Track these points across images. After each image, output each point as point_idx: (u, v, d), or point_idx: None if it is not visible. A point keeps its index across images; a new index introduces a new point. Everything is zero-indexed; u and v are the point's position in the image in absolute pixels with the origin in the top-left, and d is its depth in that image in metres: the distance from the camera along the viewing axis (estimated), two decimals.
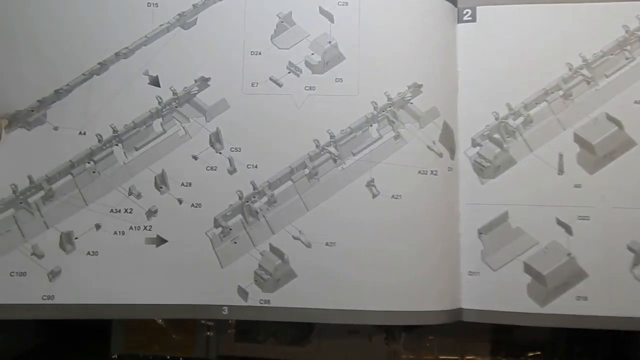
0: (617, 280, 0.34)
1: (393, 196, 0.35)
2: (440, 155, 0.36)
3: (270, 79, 0.36)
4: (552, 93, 0.36)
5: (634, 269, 0.34)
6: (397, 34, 0.36)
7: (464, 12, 0.38)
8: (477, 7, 0.37)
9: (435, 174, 0.35)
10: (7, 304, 0.33)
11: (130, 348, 0.38)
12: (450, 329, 0.36)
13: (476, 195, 0.36)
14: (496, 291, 0.35)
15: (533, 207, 0.35)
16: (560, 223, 0.35)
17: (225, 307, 0.34)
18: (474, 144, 0.36)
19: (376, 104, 0.36)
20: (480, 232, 0.36)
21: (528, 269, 0.35)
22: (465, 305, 0.35)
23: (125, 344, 0.39)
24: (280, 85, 0.36)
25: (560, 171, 0.35)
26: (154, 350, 0.38)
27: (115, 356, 0.37)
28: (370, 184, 0.35)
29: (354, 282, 0.34)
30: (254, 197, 0.35)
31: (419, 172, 0.35)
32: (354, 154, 0.35)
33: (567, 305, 0.34)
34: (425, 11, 0.36)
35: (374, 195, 0.35)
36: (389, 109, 0.36)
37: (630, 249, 0.34)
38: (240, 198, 0.35)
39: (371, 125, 0.36)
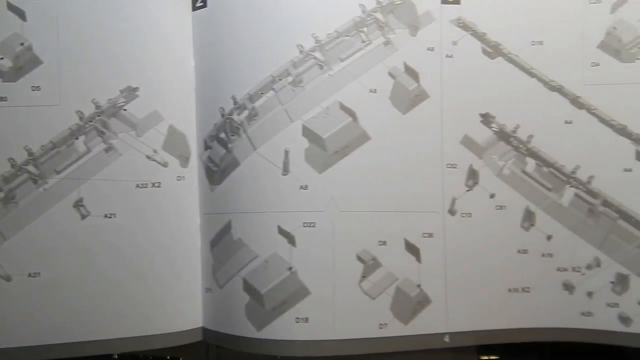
0: (343, 297, 0.30)
1: (106, 215, 0.31)
2: (165, 164, 0.32)
3: None
4: (280, 80, 0.31)
5: (362, 282, 0.30)
6: (107, 29, 0.32)
7: None
8: None
9: (159, 186, 0.32)
10: None
11: None
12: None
13: (208, 204, 0.33)
14: (223, 311, 0.32)
15: (254, 214, 0.31)
16: (282, 232, 0.30)
17: None
18: (207, 146, 0.33)
19: (82, 113, 0.32)
20: (211, 245, 0.32)
21: (247, 286, 0.31)
22: (206, 324, 0.32)
23: None
24: None
25: (285, 171, 0.31)
26: None
27: (115, 356, 0.34)
28: (78, 204, 0.31)
29: (65, 314, 0.31)
30: None
31: (137, 186, 0.32)
32: (57, 172, 0.32)
33: (285, 329, 0.30)
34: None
35: (83, 217, 0.31)
36: (97, 118, 0.32)
37: (359, 259, 0.30)
38: None
39: (77, 138, 0.32)
